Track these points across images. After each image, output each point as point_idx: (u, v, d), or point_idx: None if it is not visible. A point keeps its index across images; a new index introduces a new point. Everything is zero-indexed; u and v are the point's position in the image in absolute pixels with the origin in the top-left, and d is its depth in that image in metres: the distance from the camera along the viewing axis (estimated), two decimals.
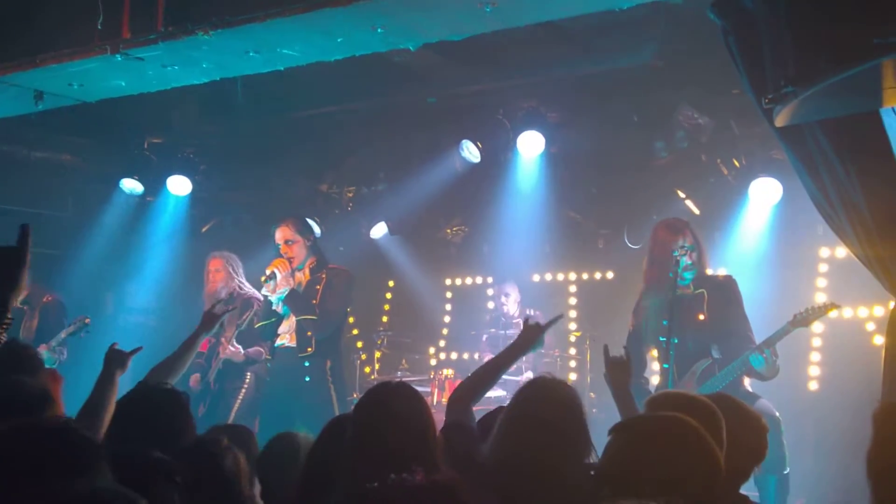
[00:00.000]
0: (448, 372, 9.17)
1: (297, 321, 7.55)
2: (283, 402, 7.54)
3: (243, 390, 8.09)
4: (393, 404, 3.41)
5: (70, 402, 4.45)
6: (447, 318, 10.79)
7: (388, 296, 11.06)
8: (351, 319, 10.31)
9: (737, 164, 8.19)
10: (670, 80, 7.75)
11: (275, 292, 7.52)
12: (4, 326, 2.74)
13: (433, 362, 10.44)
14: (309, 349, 7.52)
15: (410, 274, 10.64)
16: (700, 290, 6.72)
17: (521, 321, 5.01)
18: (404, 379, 8.76)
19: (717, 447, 2.96)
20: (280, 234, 7.72)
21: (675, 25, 6.99)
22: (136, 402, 3.80)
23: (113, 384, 4.52)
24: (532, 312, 8.67)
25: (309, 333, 7.52)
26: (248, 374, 8.13)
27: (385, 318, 10.83)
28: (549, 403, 3.70)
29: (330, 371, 7.58)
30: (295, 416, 7.27)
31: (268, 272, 7.54)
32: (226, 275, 8.38)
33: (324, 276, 7.66)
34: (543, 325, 4.67)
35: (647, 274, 6.89)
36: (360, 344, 10.52)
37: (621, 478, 2.81)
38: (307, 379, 7.56)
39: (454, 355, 10.40)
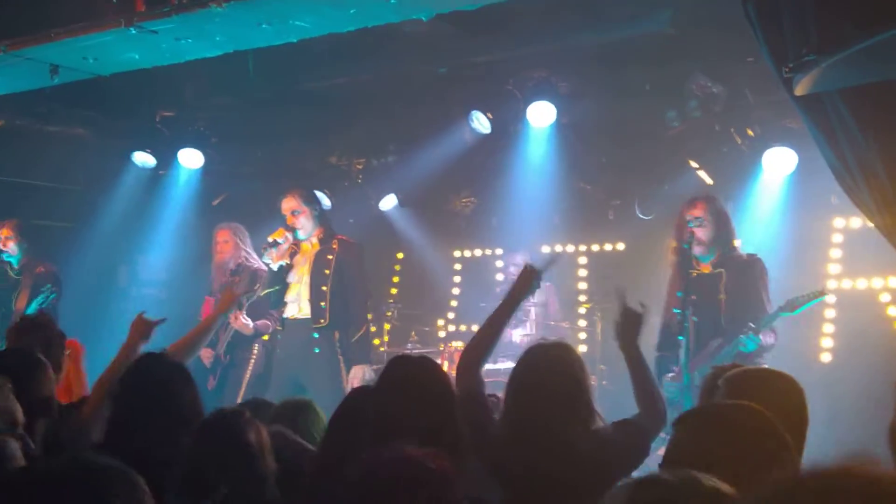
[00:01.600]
0: (458, 344, 9.21)
1: (312, 291, 7.58)
2: (293, 373, 7.60)
3: (252, 361, 8.13)
4: (415, 378, 3.43)
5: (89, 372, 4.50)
6: (456, 290, 10.79)
7: (397, 268, 11.05)
8: None
9: (750, 133, 8.13)
10: (683, 49, 7.70)
11: (276, 260, 7.57)
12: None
13: (442, 334, 10.45)
14: (322, 321, 7.55)
15: (419, 246, 10.62)
16: (719, 270, 6.76)
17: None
18: (415, 351, 8.84)
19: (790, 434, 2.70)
20: (286, 205, 7.76)
21: None
22: (141, 374, 3.84)
23: (136, 353, 4.52)
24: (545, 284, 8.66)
25: (323, 304, 7.54)
26: (256, 345, 8.17)
27: (394, 290, 10.84)
28: (542, 368, 3.75)
29: (339, 342, 7.61)
30: (304, 387, 7.33)
31: (269, 240, 7.59)
32: (233, 245, 8.38)
33: (335, 245, 7.69)
34: (539, 266, 4.43)
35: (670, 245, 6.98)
36: (369, 316, 10.52)
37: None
38: (316, 350, 7.60)
39: (463, 327, 10.41)
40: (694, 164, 8.53)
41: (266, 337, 8.24)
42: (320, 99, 9.29)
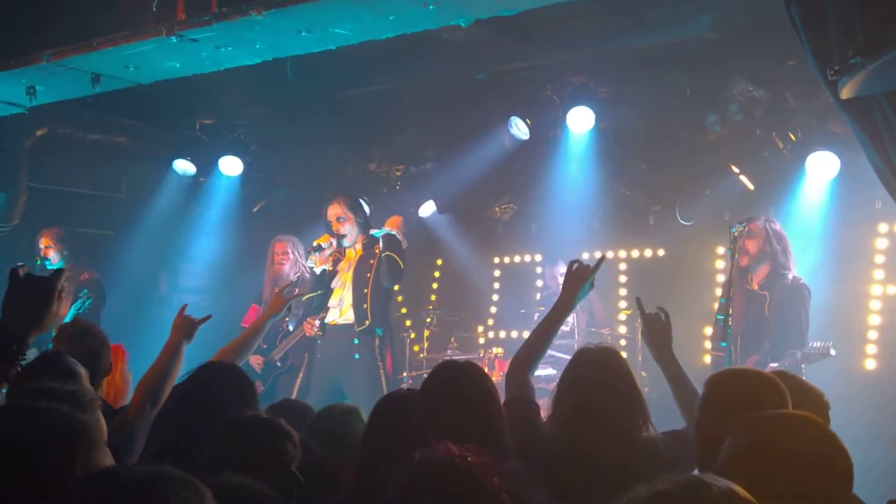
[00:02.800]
0: (497, 350, 9.16)
1: (355, 295, 7.61)
2: (333, 378, 7.62)
3: (303, 369, 8.19)
4: (460, 384, 3.41)
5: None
6: (495, 297, 10.76)
7: (437, 274, 11.04)
8: (399, 298, 10.33)
9: (793, 137, 8.05)
10: (725, 52, 7.64)
11: (319, 264, 7.62)
12: (19, 361, 2.69)
13: (482, 341, 10.41)
14: (366, 321, 7.58)
15: (458, 252, 10.61)
16: (764, 293, 7.04)
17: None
18: (454, 357, 8.82)
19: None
20: (332, 212, 7.81)
21: None
22: (200, 384, 3.69)
23: (178, 353, 4.46)
24: None
25: (365, 306, 7.57)
26: (306, 353, 8.22)
27: (433, 297, 10.84)
28: (595, 367, 3.74)
29: (378, 347, 7.62)
30: (344, 392, 7.35)
31: (314, 244, 7.65)
32: (292, 259, 8.48)
33: (377, 250, 7.72)
34: (590, 268, 4.27)
35: None
36: (408, 322, 10.53)
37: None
38: (357, 357, 7.61)
39: (503, 334, 10.38)
40: (735, 169, 8.45)
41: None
42: (359, 106, 9.32)
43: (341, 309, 7.74)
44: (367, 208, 9.37)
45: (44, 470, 1.96)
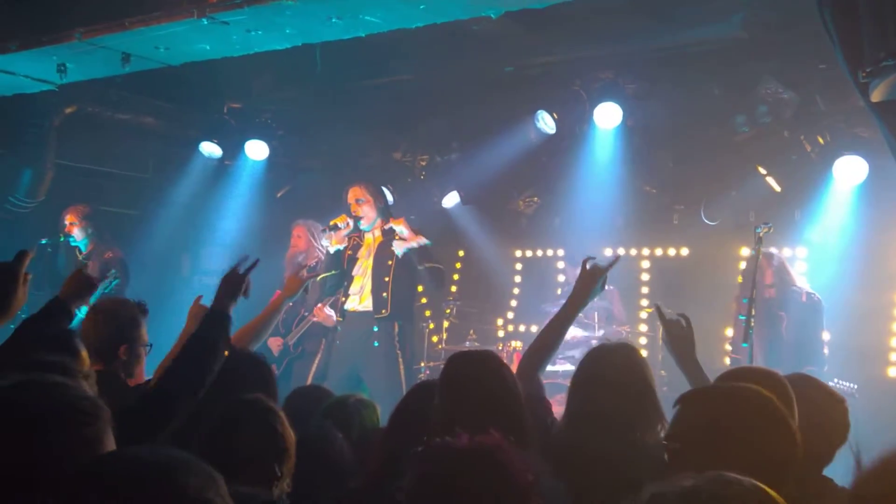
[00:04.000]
0: (516, 344, 9.16)
1: (374, 282, 7.63)
2: (351, 365, 7.63)
3: (319, 354, 8.20)
4: (481, 374, 3.40)
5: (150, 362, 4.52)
6: (516, 290, 10.75)
7: (458, 265, 11.04)
8: (420, 288, 10.34)
9: (821, 140, 8.01)
10: (754, 53, 7.60)
11: (334, 243, 7.66)
12: None
13: (501, 333, 10.42)
14: (384, 311, 7.58)
15: (481, 244, 10.61)
16: (781, 313, 7.26)
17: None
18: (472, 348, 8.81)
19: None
20: (352, 194, 7.85)
21: None
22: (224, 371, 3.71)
23: None
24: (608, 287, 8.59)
25: (385, 294, 7.58)
26: (323, 338, 8.24)
27: (454, 288, 10.84)
28: (611, 365, 3.71)
29: (398, 336, 7.63)
30: (362, 380, 7.36)
31: (330, 223, 7.68)
32: (306, 242, 8.53)
33: (398, 237, 7.73)
34: (603, 267, 4.28)
35: None
36: (427, 313, 10.53)
37: (691, 451, 2.62)
38: (376, 344, 7.62)
39: (522, 327, 10.37)
40: (762, 171, 8.41)
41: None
42: (386, 95, 9.33)
43: (361, 296, 7.75)
44: (390, 196, 9.40)
45: (52, 447, 1.96)
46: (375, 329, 7.62)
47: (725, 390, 2.92)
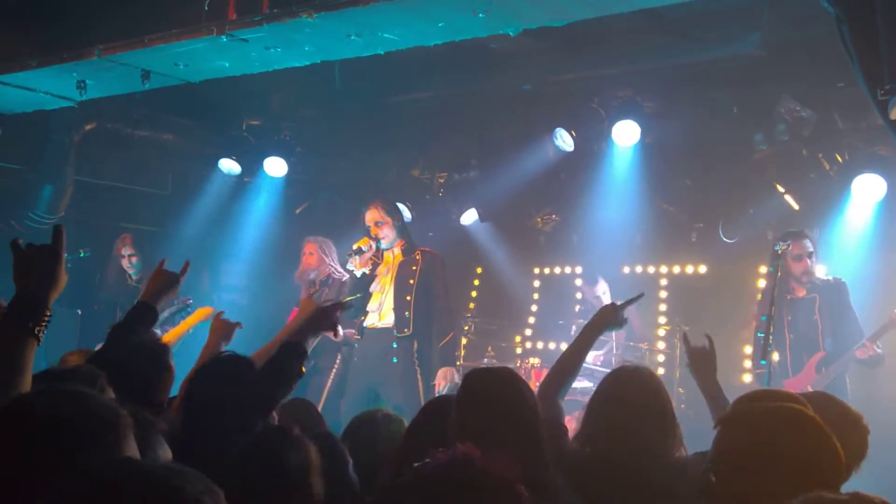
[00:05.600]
0: (534, 360, 9.12)
1: (396, 301, 7.62)
2: (370, 382, 7.63)
3: (334, 370, 8.19)
4: (499, 391, 3.40)
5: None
6: (534, 307, 10.74)
7: (476, 282, 11.05)
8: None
9: (839, 159, 7.97)
10: (772, 71, 7.57)
11: (359, 267, 7.65)
12: (44, 324, 2.76)
13: (519, 350, 10.40)
14: (406, 330, 7.59)
15: (499, 261, 10.61)
16: (813, 295, 7.33)
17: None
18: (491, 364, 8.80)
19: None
20: (369, 216, 7.84)
21: (779, 14, 6.84)
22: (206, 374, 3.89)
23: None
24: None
25: (407, 314, 7.58)
26: (339, 354, 8.23)
27: (472, 305, 10.83)
28: (631, 387, 3.78)
29: (417, 353, 7.63)
30: (380, 396, 7.36)
31: (354, 247, 7.68)
32: (317, 258, 8.51)
33: (418, 256, 7.74)
34: (621, 304, 4.49)
35: None
36: (465, 327, 10.52)
37: (737, 473, 2.60)
38: (394, 361, 7.62)
39: (540, 344, 10.35)
40: (780, 189, 8.38)
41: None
42: (404, 112, 9.36)
43: (380, 313, 7.75)
44: (408, 214, 9.42)
45: (72, 453, 1.98)
46: (394, 346, 7.62)
47: (768, 410, 2.88)
